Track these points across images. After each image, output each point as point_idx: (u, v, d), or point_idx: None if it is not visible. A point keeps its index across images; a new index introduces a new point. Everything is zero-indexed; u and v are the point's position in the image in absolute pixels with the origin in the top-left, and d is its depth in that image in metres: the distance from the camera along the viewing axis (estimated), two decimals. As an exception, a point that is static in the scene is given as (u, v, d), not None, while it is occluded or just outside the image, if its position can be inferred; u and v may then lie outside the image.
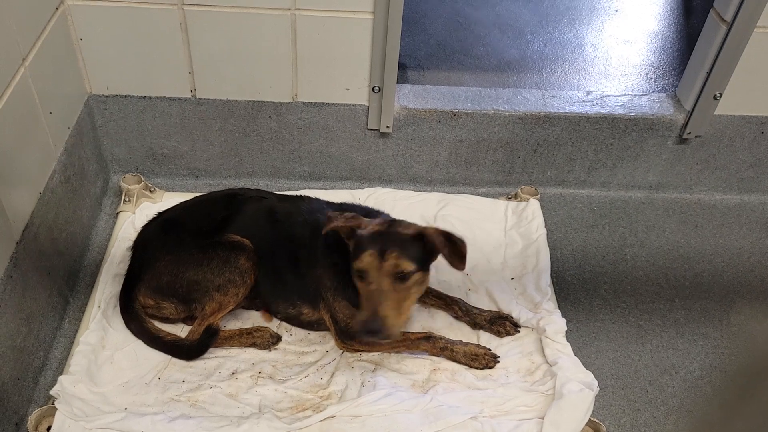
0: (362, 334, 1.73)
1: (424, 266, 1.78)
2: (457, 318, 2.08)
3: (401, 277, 1.72)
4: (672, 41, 3.25)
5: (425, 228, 1.79)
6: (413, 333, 1.98)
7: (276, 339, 1.98)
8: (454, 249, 1.75)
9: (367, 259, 1.72)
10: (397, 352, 1.98)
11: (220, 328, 1.96)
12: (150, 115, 2.41)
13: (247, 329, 2.00)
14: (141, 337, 1.95)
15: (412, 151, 2.54)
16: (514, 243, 2.34)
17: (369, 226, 1.78)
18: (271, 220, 2.01)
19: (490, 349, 1.97)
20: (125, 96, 2.36)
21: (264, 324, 2.04)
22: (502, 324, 2.03)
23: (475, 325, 2.05)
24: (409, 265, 1.72)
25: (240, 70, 2.30)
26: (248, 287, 1.95)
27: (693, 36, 2.64)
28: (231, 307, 1.95)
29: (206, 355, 1.94)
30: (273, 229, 2.00)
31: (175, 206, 2.14)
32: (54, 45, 2.07)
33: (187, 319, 2.01)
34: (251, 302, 2.06)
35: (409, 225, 1.82)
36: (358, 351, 1.97)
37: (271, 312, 2.06)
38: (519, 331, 2.03)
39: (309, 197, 2.12)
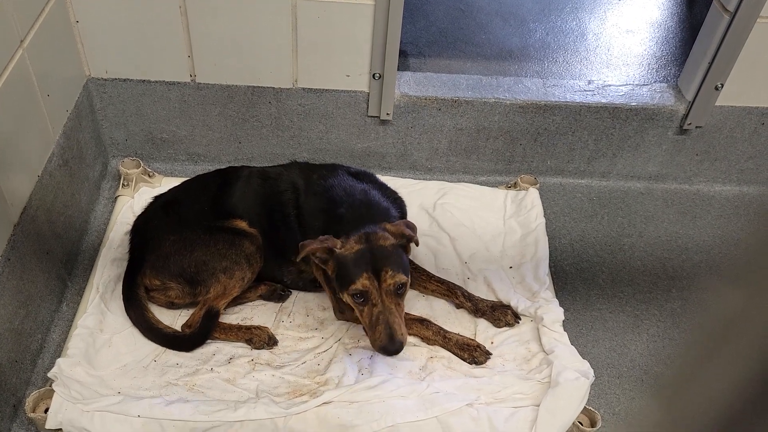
0: (381, 353, 1.75)
1: (409, 271, 1.81)
2: (458, 305, 2.08)
3: (399, 291, 1.76)
4: (674, 31, 3.24)
5: (400, 230, 1.80)
6: (408, 314, 1.99)
7: (273, 342, 1.96)
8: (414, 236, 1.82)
9: (365, 282, 1.72)
10: None
11: (221, 313, 1.96)
12: (149, 99, 2.40)
13: (246, 325, 1.99)
14: (138, 326, 1.95)
15: (412, 139, 2.53)
16: (512, 232, 2.34)
17: (347, 245, 1.77)
18: (264, 178, 2.05)
19: (484, 346, 1.96)
20: (124, 79, 2.35)
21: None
22: (503, 312, 2.04)
23: (476, 311, 2.05)
24: (403, 277, 1.75)
25: (240, 55, 2.29)
26: (254, 272, 1.96)
27: (695, 26, 2.63)
28: (235, 293, 1.95)
29: (204, 339, 1.94)
30: (265, 187, 2.03)
31: (169, 190, 2.15)
32: (52, 27, 2.06)
33: (191, 306, 2.01)
34: (272, 293, 2.07)
35: (385, 235, 1.79)
36: (349, 321, 2.02)
37: (276, 279, 2.07)
38: (519, 323, 2.04)
39: (299, 162, 2.15)
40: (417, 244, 1.84)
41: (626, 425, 1.91)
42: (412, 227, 1.83)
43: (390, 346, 1.71)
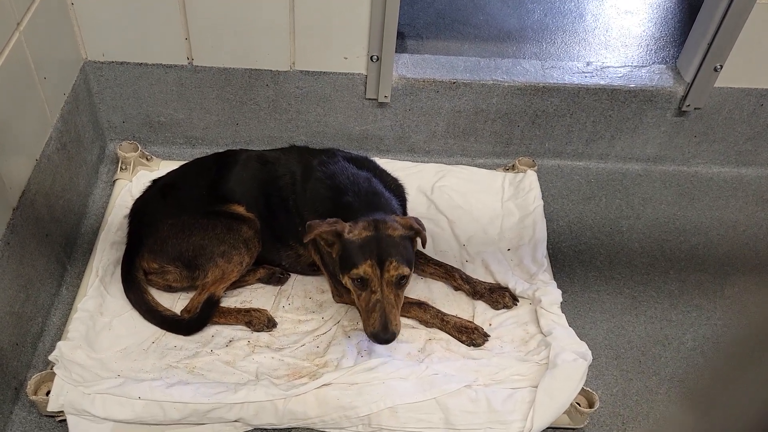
0: (373, 340, 1.75)
1: (413, 263, 1.80)
2: (456, 287, 2.09)
3: (400, 283, 1.75)
4: (673, 12, 3.22)
5: (409, 223, 1.78)
6: (406, 297, 2.00)
7: (272, 324, 1.97)
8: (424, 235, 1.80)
9: (366, 270, 1.71)
10: None
11: (221, 300, 1.97)
12: (146, 82, 2.39)
13: (245, 308, 2.00)
14: (138, 308, 1.95)
15: (410, 121, 2.53)
16: (510, 214, 2.35)
17: (355, 230, 1.74)
18: (262, 162, 2.04)
19: (482, 328, 1.97)
20: (121, 62, 2.34)
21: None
22: (501, 294, 2.05)
23: (475, 293, 2.06)
24: (406, 270, 1.74)
25: (237, 38, 2.27)
26: (252, 257, 1.97)
27: (695, 7, 2.61)
28: (233, 278, 1.96)
29: (203, 322, 1.95)
30: (263, 171, 2.02)
31: (167, 173, 2.15)
32: (48, 10, 2.04)
33: (190, 290, 2.01)
34: (271, 276, 2.08)
35: (394, 224, 1.77)
36: (347, 304, 2.02)
37: (275, 262, 2.08)
38: (517, 305, 2.05)
39: (298, 146, 2.14)
40: (424, 245, 1.81)
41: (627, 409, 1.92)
42: (421, 224, 1.81)
43: (382, 334, 1.71)
